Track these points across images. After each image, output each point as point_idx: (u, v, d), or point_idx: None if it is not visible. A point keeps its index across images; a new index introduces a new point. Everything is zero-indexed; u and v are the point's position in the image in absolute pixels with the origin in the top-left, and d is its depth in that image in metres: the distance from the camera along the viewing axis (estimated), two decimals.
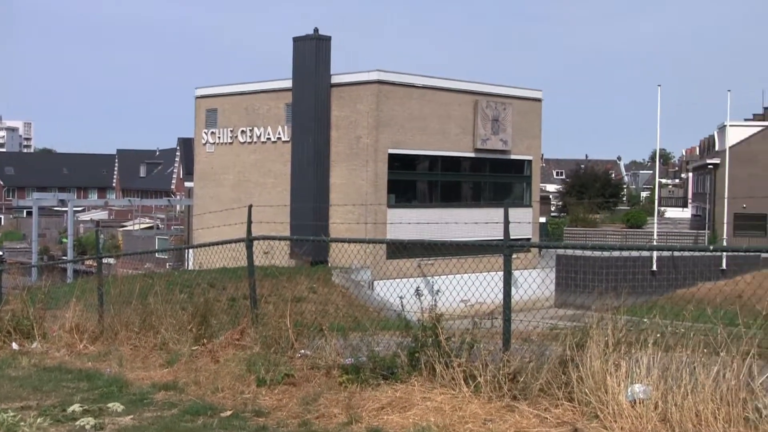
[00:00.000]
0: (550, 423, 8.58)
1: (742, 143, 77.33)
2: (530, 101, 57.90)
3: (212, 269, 18.27)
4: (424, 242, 13.14)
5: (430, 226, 45.80)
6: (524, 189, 58.56)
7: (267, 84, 54.01)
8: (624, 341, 9.09)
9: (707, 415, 7.97)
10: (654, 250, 57.29)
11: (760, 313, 8.65)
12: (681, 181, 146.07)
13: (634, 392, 8.44)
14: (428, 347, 10.27)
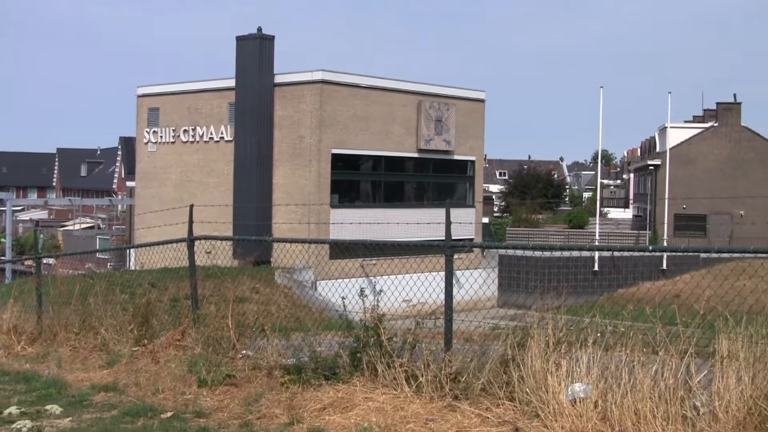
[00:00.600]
0: (491, 422, 8.62)
1: (683, 144, 78.30)
2: (473, 102, 58.15)
3: (154, 269, 18.13)
4: (365, 242, 13.05)
5: (373, 227, 45.64)
6: (467, 189, 58.79)
7: (210, 83, 53.71)
8: (564, 341, 9.15)
9: (646, 413, 8.05)
10: (595, 250, 57.78)
11: (698, 313, 8.77)
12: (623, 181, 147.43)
13: (575, 391, 8.50)
14: (370, 347, 10.28)
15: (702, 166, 77.63)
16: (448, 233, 10.41)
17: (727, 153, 78.20)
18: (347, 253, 38.15)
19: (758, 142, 79.05)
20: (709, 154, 78.11)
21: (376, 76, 52.50)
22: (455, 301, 10.52)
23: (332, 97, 49.26)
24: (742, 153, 78.20)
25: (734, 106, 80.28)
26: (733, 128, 79.02)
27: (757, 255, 9.40)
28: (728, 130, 78.96)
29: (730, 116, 79.40)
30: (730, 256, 48.23)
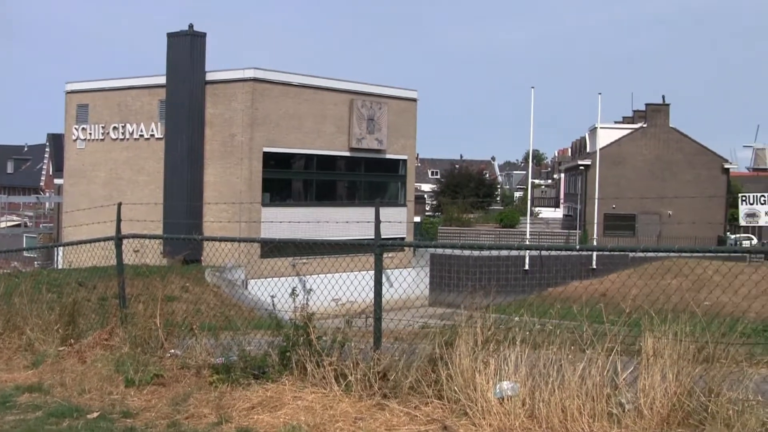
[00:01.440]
0: (420, 421, 8.63)
1: (612, 145, 79.20)
2: (405, 101, 58.30)
3: (82, 268, 17.89)
4: (295, 241, 13.08)
5: (304, 225, 45.71)
6: (399, 188, 58.93)
7: (140, 80, 53.20)
8: (493, 339, 9.20)
9: (573, 410, 8.12)
10: (523, 249, 58.33)
11: (624, 311, 8.87)
12: (553, 181, 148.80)
13: (503, 389, 8.55)
14: (300, 346, 10.24)
15: (631, 166, 78.61)
16: (377, 232, 10.41)
17: (656, 153, 79.25)
18: (278, 252, 38.10)
19: (686, 143, 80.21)
20: (638, 154, 79.10)
21: (308, 75, 52.45)
22: (386, 300, 10.52)
23: (264, 95, 49.08)
24: (670, 154, 79.29)
25: (663, 107, 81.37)
26: (661, 129, 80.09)
27: (681, 254, 9.53)
28: (657, 131, 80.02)
29: (659, 117, 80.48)
30: (656, 255, 48.98)
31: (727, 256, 46.21)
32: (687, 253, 9.16)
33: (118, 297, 13.63)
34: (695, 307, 9.16)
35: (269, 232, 45.21)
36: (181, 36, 49.52)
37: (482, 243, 11.49)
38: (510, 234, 78.12)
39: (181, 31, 49.66)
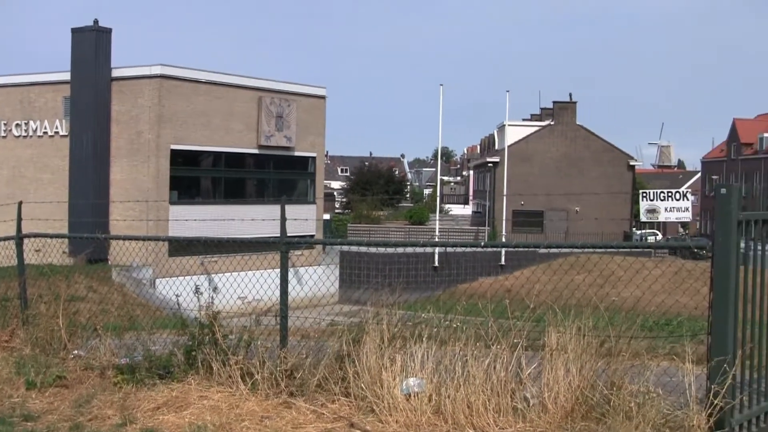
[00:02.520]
0: (326, 418, 8.61)
1: (520, 142, 79.96)
2: (314, 98, 58.19)
3: None
4: (200, 239, 12.88)
5: (213, 223, 45.31)
6: (308, 186, 58.81)
7: (44, 76, 52.16)
8: (399, 336, 9.21)
9: (479, 405, 8.17)
10: (429, 246, 58.42)
11: (528, 307, 8.95)
12: (463, 178, 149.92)
13: (409, 386, 8.57)
14: (205, 345, 10.15)
15: (539, 163, 79.48)
16: (283, 230, 10.36)
17: (563, 151, 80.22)
18: (187, 251, 37.71)
19: (592, 140, 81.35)
20: (545, 151, 79.99)
21: (216, 72, 52.02)
22: (295, 298, 10.49)
23: (171, 92, 48.58)
24: (577, 151, 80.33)
25: (570, 105, 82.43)
26: (568, 127, 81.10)
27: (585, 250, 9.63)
28: (564, 129, 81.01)
29: (566, 115, 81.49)
30: (563, 251, 49.57)
31: (632, 251, 47.02)
32: (590, 249, 9.28)
33: (19, 298, 13.36)
34: (598, 302, 9.29)
35: (177, 230, 44.75)
36: (86, 31, 48.69)
37: (388, 240, 11.51)
38: (419, 231, 78.44)
39: (86, 27, 48.82)
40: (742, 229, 7.88)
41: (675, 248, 53.95)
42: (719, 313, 7.66)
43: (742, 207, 8.14)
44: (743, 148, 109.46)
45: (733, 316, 7.70)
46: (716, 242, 7.70)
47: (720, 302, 7.66)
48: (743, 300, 8.00)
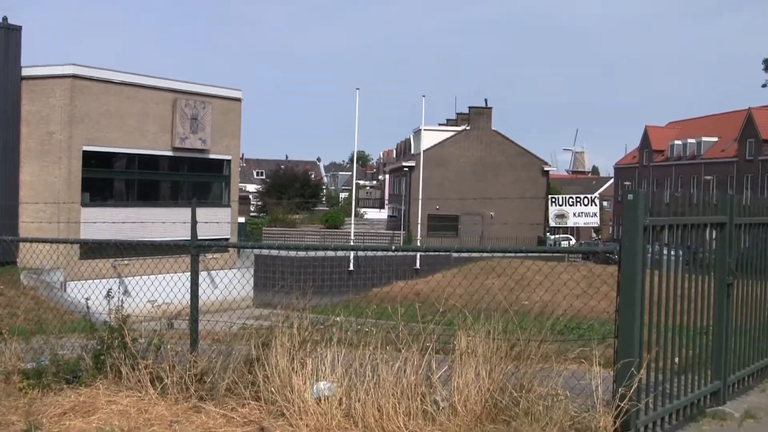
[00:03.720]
0: (236, 422, 8.54)
1: (436, 147, 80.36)
2: (230, 101, 57.81)
3: None
4: (109, 242, 12.73)
5: (126, 226, 44.80)
6: (223, 189, 58.37)
7: None
8: (310, 339, 9.18)
9: (389, 409, 8.17)
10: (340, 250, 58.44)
11: (438, 310, 8.99)
12: (378, 182, 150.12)
13: (319, 389, 8.54)
14: (114, 349, 10.01)
15: (454, 168, 79.95)
16: (193, 233, 10.27)
17: (479, 156, 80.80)
18: (99, 253, 37.16)
19: (508, 145, 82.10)
20: (461, 156, 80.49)
21: (130, 72, 51.39)
22: (208, 301, 10.40)
23: (84, 92, 47.87)
24: (492, 156, 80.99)
25: (485, 110, 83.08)
26: (484, 132, 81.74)
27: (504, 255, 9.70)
28: (479, 134, 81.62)
29: (482, 120, 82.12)
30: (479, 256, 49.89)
31: (547, 255, 47.52)
32: (500, 253, 9.36)
33: None
34: (509, 306, 9.36)
35: (90, 232, 44.10)
36: None
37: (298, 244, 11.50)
38: (335, 235, 78.40)
39: None
40: (649, 234, 8.01)
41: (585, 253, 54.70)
42: (626, 316, 7.77)
43: (657, 212, 8.28)
44: (655, 155, 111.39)
45: (639, 320, 7.82)
46: (623, 247, 7.81)
47: (626, 306, 7.77)
48: (650, 303, 8.14)
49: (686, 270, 9.03)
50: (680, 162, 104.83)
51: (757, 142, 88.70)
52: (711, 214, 9.40)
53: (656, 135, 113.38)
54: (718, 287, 9.42)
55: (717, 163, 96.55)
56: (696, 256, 9.38)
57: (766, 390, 10.76)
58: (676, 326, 8.67)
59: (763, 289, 10.71)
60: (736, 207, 9.71)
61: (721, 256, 9.49)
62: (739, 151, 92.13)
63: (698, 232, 9.20)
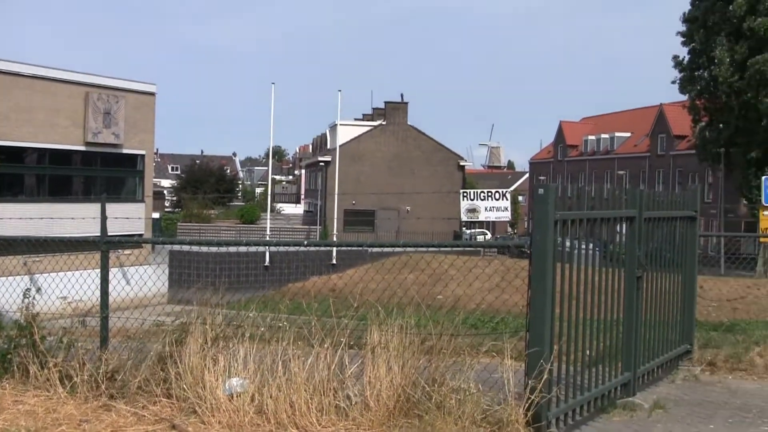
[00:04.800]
0: (147, 420, 8.44)
1: (352, 142, 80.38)
2: (144, 95, 57.04)
3: None
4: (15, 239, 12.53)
5: (37, 222, 44.02)
6: (137, 184, 57.58)
7: None
8: (222, 336, 9.11)
9: (301, 405, 8.14)
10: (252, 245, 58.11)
11: (352, 305, 8.98)
12: (295, 177, 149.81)
13: (232, 386, 8.48)
14: (22, 347, 9.81)
15: (370, 163, 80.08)
16: (103, 229, 10.13)
17: (395, 151, 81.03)
18: (8, 250, 36.46)
19: (423, 140, 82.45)
20: (377, 151, 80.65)
21: (40, 65, 50.45)
22: (119, 298, 10.26)
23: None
24: (408, 151, 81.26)
25: (401, 105, 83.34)
26: (400, 127, 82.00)
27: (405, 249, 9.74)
28: (395, 129, 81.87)
29: (398, 115, 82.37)
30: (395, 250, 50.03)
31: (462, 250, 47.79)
32: (412, 248, 9.40)
33: None
34: (422, 300, 9.39)
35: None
36: None
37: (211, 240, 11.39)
38: (251, 230, 78.02)
39: None
40: (559, 228, 8.09)
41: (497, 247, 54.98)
42: (536, 309, 7.84)
43: (568, 207, 8.37)
44: (569, 150, 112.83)
45: (549, 313, 7.90)
46: (534, 241, 7.88)
47: (537, 299, 7.85)
48: (561, 297, 8.22)
49: (597, 263, 9.15)
50: (594, 157, 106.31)
51: (669, 137, 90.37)
52: (621, 208, 9.53)
53: (570, 130, 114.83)
54: (627, 280, 9.55)
55: (630, 158, 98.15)
56: (608, 250, 9.50)
57: (675, 381, 10.96)
58: (588, 319, 8.77)
59: (672, 282, 10.89)
60: (645, 201, 9.85)
61: (630, 250, 9.62)
62: (651, 146, 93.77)
63: (608, 226, 9.32)
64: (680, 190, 12.19)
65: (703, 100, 63.08)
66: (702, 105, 63.26)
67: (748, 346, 12.31)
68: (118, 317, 10.84)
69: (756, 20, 55.06)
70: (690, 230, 11.47)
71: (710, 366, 11.63)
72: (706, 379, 11.19)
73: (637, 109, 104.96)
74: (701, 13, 60.87)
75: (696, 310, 12.16)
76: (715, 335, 13.93)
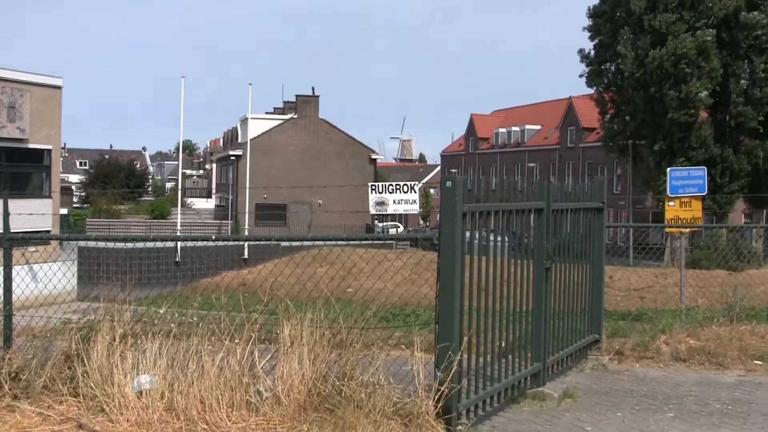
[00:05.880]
0: (53, 420, 8.27)
1: (263, 135, 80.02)
2: (49, 88, 56.00)
3: None
4: None
5: None
6: (43, 179, 56.55)
7: None
8: (131, 333, 8.98)
9: (212, 401, 8.06)
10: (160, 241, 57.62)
11: (262, 300, 8.93)
12: (206, 171, 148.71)
13: (141, 383, 8.37)
14: None
15: (282, 156, 79.79)
16: (5, 225, 9.92)
17: (306, 144, 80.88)
18: None
19: (335, 134, 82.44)
20: (288, 145, 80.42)
21: None
22: (21, 296, 10.05)
23: None
24: (320, 144, 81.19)
25: (312, 98, 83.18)
26: (311, 120, 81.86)
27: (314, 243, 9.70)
28: (307, 122, 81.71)
29: (309, 109, 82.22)
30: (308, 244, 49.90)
31: (376, 243, 47.87)
32: (321, 241, 9.36)
33: None
34: (331, 294, 9.37)
35: None
36: None
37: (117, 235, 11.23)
38: (161, 225, 77.24)
39: None
40: (467, 221, 8.12)
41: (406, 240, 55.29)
42: (445, 301, 7.86)
43: (478, 199, 8.41)
44: (480, 143, 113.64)
45: (459, 305, 7.92)
46: (442, 233, 7.89)
47: (446, 291, 7.87)
48: (470, 289, 8.26)
49: (508, 255, 9.21)
50: (505, 149, 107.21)
51: (578, 129, 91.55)
52: (529, 200, 9.60)
53: (481, 123, 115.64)
54: (536, 271, 9.63)
55: (540, 151, 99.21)
56: (518, 242, 9.58)
57: (584, 370, 11.11)
58: (498, 311, 8.83)
59: (580, 273, 11.02)
60: (553, 193, 9.94)
61: (539, 241, 9.70)
62: (561, 138, 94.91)
63: (516, 217, 9.38)
64: (589, 182, 12.34)
65: (611, 93, 63.96)
66: (609, 98, 64.11)
67: (655, 335, 12.54)
68: (22, 315, 10.64)
69: (656, 17, 55.96)
70: (597, 221, 11.61)
71: (618, 355, 11.82)
72: (614, 367, 11.37)
73: (547, 102, 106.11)
74: (608, 7, 61.67)
75: (604, 300, 12.32)
76: (622, 324, 14.19)
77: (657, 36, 56.17)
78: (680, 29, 55.17)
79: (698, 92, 55.48)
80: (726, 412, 9.35)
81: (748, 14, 54.78)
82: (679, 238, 22.54)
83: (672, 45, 54.58)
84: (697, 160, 53.34)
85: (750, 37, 55.27)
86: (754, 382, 10.76)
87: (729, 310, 13.80)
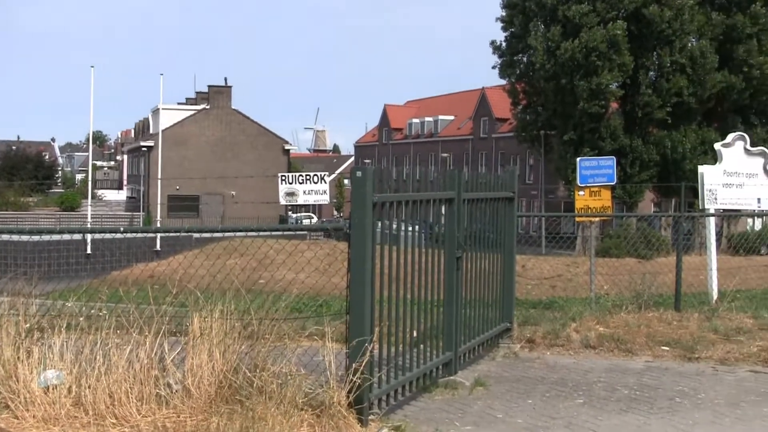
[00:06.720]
0: None
1: (175, 126, 79.33)
2: None
3: None
4: None
5: None
6: None
7: None
8: (37, 327, 8.82)
9: (121, 395, 7.96)
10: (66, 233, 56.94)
11: (170, 292, 8.85)
12: (117, 163, 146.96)
13: (47, 378, 8.23)
14: None
15: (194, 147, 79.22)
16: None
17: (219, 135, 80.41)
18: None
19: (248, 124, 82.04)
20: (201, 135, 79.87)
21: None
22: None
23: None
24: (233, 135, 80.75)
25: (225, 89, 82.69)
26: (224, 111, 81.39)
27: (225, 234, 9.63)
28: (219, 113, 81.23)
29: (221, 99, 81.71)
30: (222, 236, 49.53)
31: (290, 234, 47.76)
32: (231, 232, 9.32)
33: None
34: (244, 285, 9.32)
35: None
36: None
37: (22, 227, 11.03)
38: (71, 217, 76.13)
39: None
40: (378, 211, 8.12)
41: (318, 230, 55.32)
42: (356, 292, 7.86)
43: (389, 189, 8.41)
44: (394, 133, 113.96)
45: (370, 295, 7.92)
46: (353, 223, 7.89)
47: (357, 282, 7.86)
48: (381, 279, 8.26)
49: (419, 245, 9.24)
50: (418, 140, 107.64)
51: (491, 120, 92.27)
52: (440, 190, 9.64)
53: (395, 114, 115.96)
54: (447, 261, 9.67)
55: (453, 141, 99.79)
56: (429, 231, 9.61)
57: (496, 358, 11.21)
58: (409, 300, 8.85)
59: (492, 262, 11.10)
60: (464, 183, 9.98)
61: (450, 231, 9.74)
62: (474, 129, 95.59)
63: (428, 207, 9.41)
64: (502, 172, 12.43)
65: (523, 83, 64.46)
66: (522, 89, 64.60)
67: (565, 323, 12.69)
68: None
69: (570, 8, 56.51)
70: (508, 211, 11.70)
71: (529, 343, 11.94)
72: (525, 355, 11.49)
73: (461, 93, 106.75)
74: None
75: (516, 289, 12.44)
76: (533, 313, 14.34)
77: (570, 27, 56.72)
78: (593, 21, 55.77)
79: (609, 84, 56.17)
80: (634, 398, 9.52)
81: (649, 9, 55.50)
82: (590, 227, 22.88)
83: (585, 38, 55.15)
84: (607, 150, 53.95)
85: (656, 31, 56.08)
86: (661, 368, 10.97)
87: (637, 298, 14.02)
